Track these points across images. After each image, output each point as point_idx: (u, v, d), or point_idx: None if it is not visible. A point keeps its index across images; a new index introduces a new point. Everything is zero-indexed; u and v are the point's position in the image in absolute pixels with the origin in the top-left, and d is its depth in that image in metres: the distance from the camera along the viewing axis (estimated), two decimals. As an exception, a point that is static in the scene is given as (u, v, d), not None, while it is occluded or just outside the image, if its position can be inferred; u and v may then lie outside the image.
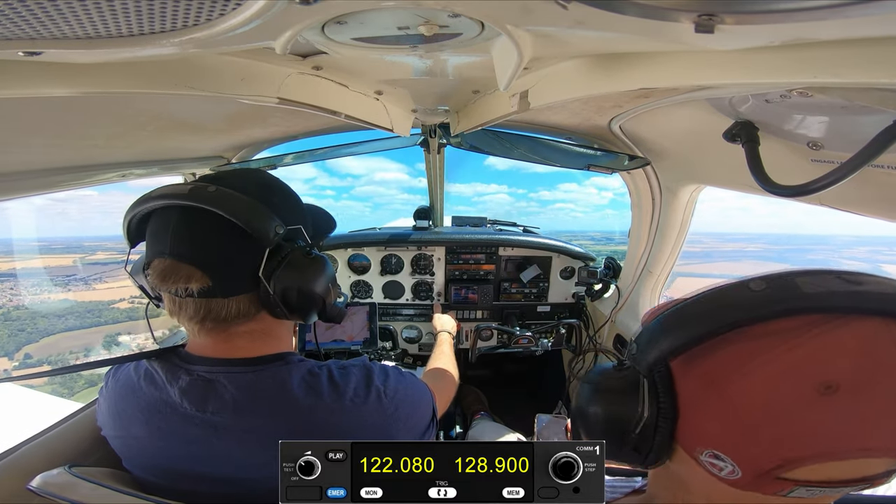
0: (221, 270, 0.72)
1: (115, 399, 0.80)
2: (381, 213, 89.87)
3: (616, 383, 0.51)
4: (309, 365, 0.79)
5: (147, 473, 0.77)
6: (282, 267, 0.75)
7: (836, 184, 0.64)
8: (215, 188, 0.71)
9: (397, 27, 0.59)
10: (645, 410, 0.48)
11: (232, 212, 0.70)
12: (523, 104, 0.97)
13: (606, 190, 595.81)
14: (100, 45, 0.52)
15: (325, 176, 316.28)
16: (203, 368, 0.75)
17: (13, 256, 15.10)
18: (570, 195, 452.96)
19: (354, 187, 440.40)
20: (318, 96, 0.95)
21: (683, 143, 1.28)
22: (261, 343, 0.79)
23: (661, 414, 0.47)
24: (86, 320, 22.99)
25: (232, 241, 0.72)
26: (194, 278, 0.70)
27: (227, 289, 0.73)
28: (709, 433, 0.44)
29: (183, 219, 0.72)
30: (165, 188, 0.74)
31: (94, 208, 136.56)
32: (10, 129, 0.88)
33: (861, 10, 0.37)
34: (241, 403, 0.72)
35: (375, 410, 0.77)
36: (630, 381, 0.49)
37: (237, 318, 0.75)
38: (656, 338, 0.47)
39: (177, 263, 0.70)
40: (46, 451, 0.93)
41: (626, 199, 1.85)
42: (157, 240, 0.73)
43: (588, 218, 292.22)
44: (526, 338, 2.00)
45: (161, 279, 0.71)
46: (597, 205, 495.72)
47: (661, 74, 0.66)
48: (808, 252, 22.94)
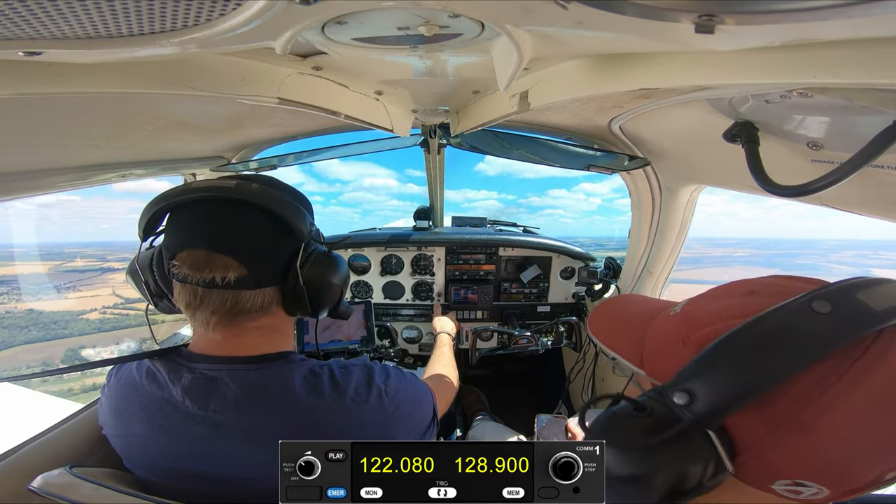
0: (257, 262, 0.75)
1: (116, 397, 0.80)
2: (370, 220, 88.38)
3: (657, 440, 0.42)
4: (311, 364, 0.80)
5: (148, 472, 0.77)
6: (309, 263, 0.80)
7: (836, 184, 0.64)
8: (258, 186, 0.76)
9: (397, 27, 0.59)
10: (710, 467, 0.41)
11: (277, 208, 0.75)
12: (523, 104, 0.97)
13: (595, 196, 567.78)
14: (100, 45, 0.52)
15: (314, 181, 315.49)
16: (205, 366, 0.76)
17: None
18: (559, 201, 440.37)
19: (343, 193, 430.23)
20: (318, 96, 0.95)
21: (683, 144, 1.28)
22: (268, 339, 0.81)
23: (719, 466, 0.42)
24: (50, 332, 22.29)
25: (269, 235, 0.77)
26: (231, 268, 0.72)
27: (259, 280, 0.76)
28: (790, 468, 0.41)
29: (226, 212, 0.75)
30: (206, 182, 0.77)
31: (78, 213, 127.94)
32: (10, 129, 0.87)
33: (862, 11, 0.37)
34: (242, 401, 0.72)
35: (376, 409, 0.77)
36: (676, 434, 0.42)
37: (257, 311, 0.77)
38: (721, 384, 0.41)
39: (212, 254, 0.73)
40: (47, 452, 0.93)
41: (615, 205, 1.86)
42: (186, 231, 0.76)
43: (577, 224, 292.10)
44: (525, 338, 2.00)
45: (194, 269, 0.72)
46: (585, 210, 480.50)
47: (661, 75, 0.66)
48: (795, 257, 22.00)
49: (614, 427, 0.46)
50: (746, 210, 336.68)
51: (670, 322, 0.54)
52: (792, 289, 0.47)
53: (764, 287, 0.49)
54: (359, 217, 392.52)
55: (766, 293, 0.48)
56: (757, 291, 0.49)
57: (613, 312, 0.69)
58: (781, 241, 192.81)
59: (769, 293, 0.47)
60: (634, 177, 1.67)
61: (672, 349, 0.50)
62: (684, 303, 0.56)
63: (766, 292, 0.48)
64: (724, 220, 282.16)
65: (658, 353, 0.53)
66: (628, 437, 0.44)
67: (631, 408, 0.46)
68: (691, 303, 0.54)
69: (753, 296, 0.48)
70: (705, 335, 0.46)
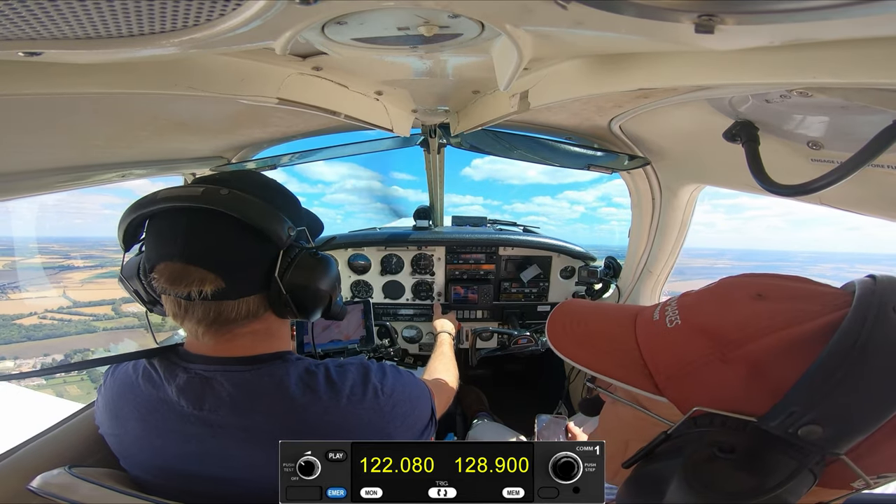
0: (235, 273, 0.72)
1: (112, 397, 0.80)
2: (353, 222, 73.88)
3: (774, 483, 0.39)
4: (306, 363, 0.79)
5: (144, 472, 0.77)
6: (293, 267, 0.77)
7: (836, 183, 0.64)
8: (227, 191, 0.72)
9: (397, 28, 0.59)
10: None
11: (248, 215, 0.71)
12: (523, 104, 0.97)
13: (578, 204, 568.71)
14: (100, 45, 0.52)
15: (295, 181, 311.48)
16: (201, 367, 0.75)
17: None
18: (542, 208, 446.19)
19: (325, 194, 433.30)
20: (318, 96, 0.95)
21: (683, 143, 1.28)
22: (262, 342, 0.79)
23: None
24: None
25: (245, 243, 0.73)
26: (208, 281, 0.70)
27: (240, 290, 0.73)
28: (882, 465, 0.40)
29: (195, 222, 0.71)
30: (173, 190, 0.73)
31: (48, 207, 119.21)
32: (10, 129, 0.87)
33: (861, 11, 0.37)
34: (237, 401, 0.72)
35: (372, 408, 0.77)
36: (795, 469, 0.39)
37: (245, 319, 0.76)
38: (857, 409, 0.38)
39: (188, 267, 0.70)
40: (47, 452, 0.93)
41: (598, 214, 1.85)
42: (162, 243, 0.73)
43: (560, 231, 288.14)
44: (525, 337, 2.00)
45: (171, 283, 0.70)
46: (568, 219, 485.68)
47: (661, 74, 0.66)
48: (775, 269, 22.89)
49: (703, 477, 0.41)
50: (723, 221, 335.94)
51: (677, 336, 0.49)
52: (799, 290, 0.46)
53: (766, 290, 0.47)
54: (342, 219, 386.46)
55: (777, 296, 0.46)
56: (764, 295, 0.46)
57: (574, 325, 0.61)
58: (758, 251, 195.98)
59: (780, 296, 0.46)
60: (634, 176, 1.67)
61: (707, 370, 0.45)
62: (671, 308, 0.52)
63: (775, 295, 0.46)
64: (702, 230, 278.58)
65: (685, 377, 0.47)
66: (733, 492, 0.40)
67: (713, 450, 0.41)
68: (687, 310, 0.50)
69: (764, 300, 0.46)
70: (753, 352, 0.42)
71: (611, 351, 0.55)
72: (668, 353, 0.50)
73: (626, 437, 0.55)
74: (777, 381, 0.41)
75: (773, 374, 0.41)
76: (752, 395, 0.42)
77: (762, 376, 0.42)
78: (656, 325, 0.53)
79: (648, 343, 0.52)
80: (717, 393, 0.44)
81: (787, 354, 0.41)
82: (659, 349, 0.51)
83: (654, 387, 0.49)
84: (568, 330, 0.61)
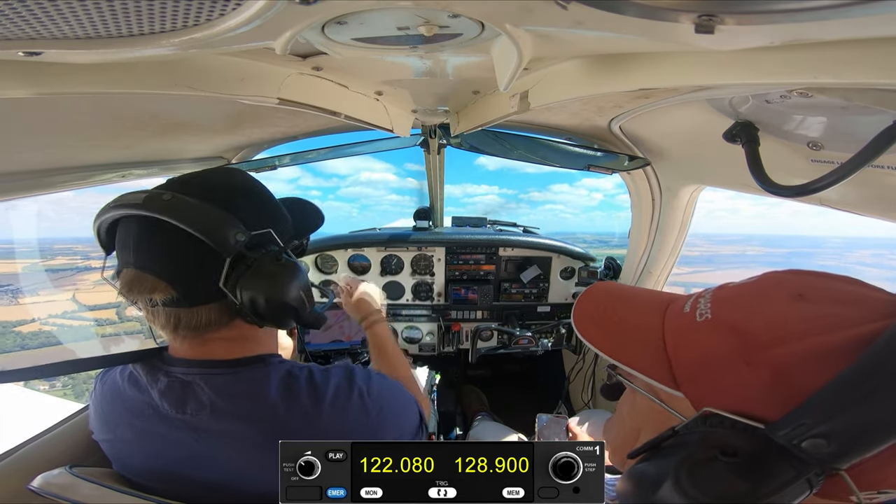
0: (184, 281, 0.70)
1: (101, 403, 0.80)
2: (369, 216, 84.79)
3: (772, 487, 0.37)
4: (289, 366, 0.77)
5: (137, 477, 0.77)
6: (247, 275, 0.71)
7: (836, 184, 0.64)
8: (171, 196, 0.68)
9: (397, 27, 0.59)
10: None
11: (187, 221, 0.67)
12: (523, 104, 0.97)
13: (597, 191, 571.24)
14: (100, 45, 0.52)
15: (310, 176, 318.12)
16: (181, 370, 0.75)
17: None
18: (560, 196, 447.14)
19: (340, 188, 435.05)
20: (318, 97, 0.95)
21: (683, 144, 1.28)
22: (239, 347, 0.78)
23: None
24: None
25: (193, 250, 0.69)
26: (158, 289, 0.68)
27: (192, 299, 0.71)
28: (885, 481, 0.38)
29: (142, 229, 0.70)
30: (123, 197, 0.71)
31: (71, 209, 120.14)
32: (10, 129, 0.88)
33: (862, 11, 0.37)
34: (217, 405, 0.71)
35: (359, 410, 0.76)
36: (793, 476, 0.37)
37: (210, 326, 0.74)
38: (872, 425, 0.35)
39: (141, 274, 0.69)
40: (47, 452, 0.93)
41: (616, 201, 1.84)
42: (121, 250, 0.73)
43: (577, 220, 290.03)
44: (526, 338, 2.00)
45: (128, 290, 0.70)
46: (586, 206, 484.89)
47: (661, 75, 0.66)
48: (812, 256, 21.04)
49: (695, 479, 0.40)
50: (749, 206, 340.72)
51: (704, 332, 0.47)
52: (846, 294, 0.43)
53: (809, 290, 0.44)
54: (357, 212, 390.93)
55: (819, 298, 0.43)
56: (805, 296, 0.43)
57: (603, 308, 0.59)
58: (785, 237, 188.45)
59: (822, 298, 0.43)
60: (634, 177, 1.67)
61: (728, 371, 0.43)
62: (703, 300, 0.50)
63: (817, 297, 0.43)
64: (726, 216, 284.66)
65: (705, 375, 0.46)
66: (722, 495, 0.38)
67: (715, 452, 0.40)
68: (720, 304, 0.48)
69: (804, 301, 0.43)
70: (780, 357, 0.40)
71: (635, 341, 0.53)
72: (691, 349, 0.48)
73: (638, 426, 0.55)
74: (798, 390, 0.38)
75: (796, 381, 0.39)
76: (770, 402, 0.40)
77: (785, 383, 0.40)
78: (685, 318, 0.50)
79: (674, 336, 0.50)
80: (734, 395, 0.42)
81: (815, 362, 0.39)
82: (683, 344, 0.49)
83: (672, 381, 0.48)
84: (594, 315, 0.59)
